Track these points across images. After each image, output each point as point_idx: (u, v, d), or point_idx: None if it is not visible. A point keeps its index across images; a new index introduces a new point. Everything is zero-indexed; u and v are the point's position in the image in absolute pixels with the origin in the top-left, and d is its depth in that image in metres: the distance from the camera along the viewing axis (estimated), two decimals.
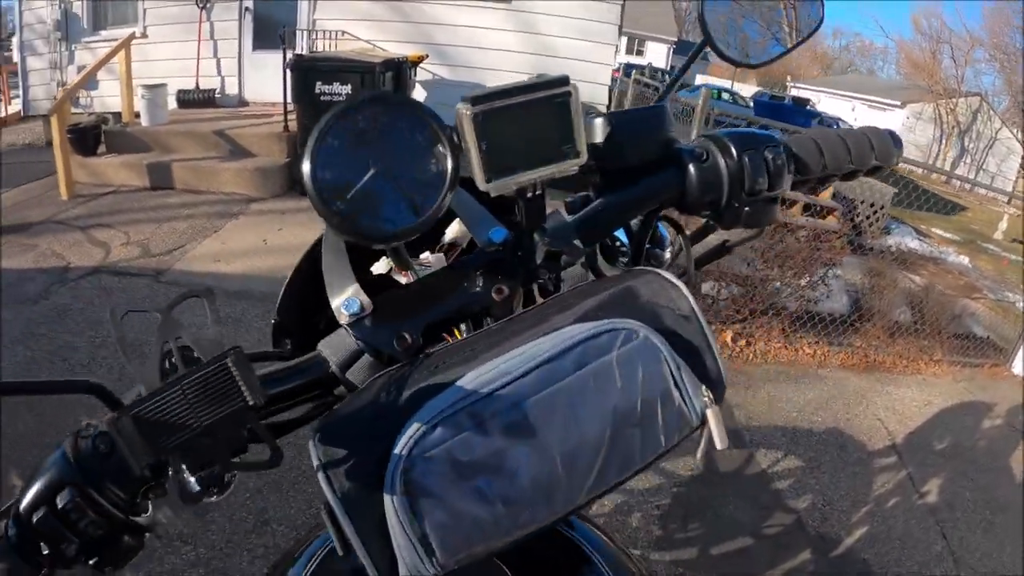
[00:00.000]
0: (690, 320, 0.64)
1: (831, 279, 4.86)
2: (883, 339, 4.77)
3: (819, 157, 0.80)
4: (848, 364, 4.51)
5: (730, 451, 3.26)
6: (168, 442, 0.48)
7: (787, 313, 4.61)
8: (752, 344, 4.42)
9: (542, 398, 0.57)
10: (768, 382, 4.06)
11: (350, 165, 0.56)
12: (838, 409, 3.89)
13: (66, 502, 0.50)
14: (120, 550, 0.54)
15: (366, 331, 0.64)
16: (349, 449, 0.55)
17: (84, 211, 6.31)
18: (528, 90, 0.61)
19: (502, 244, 0.69)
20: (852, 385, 4.24)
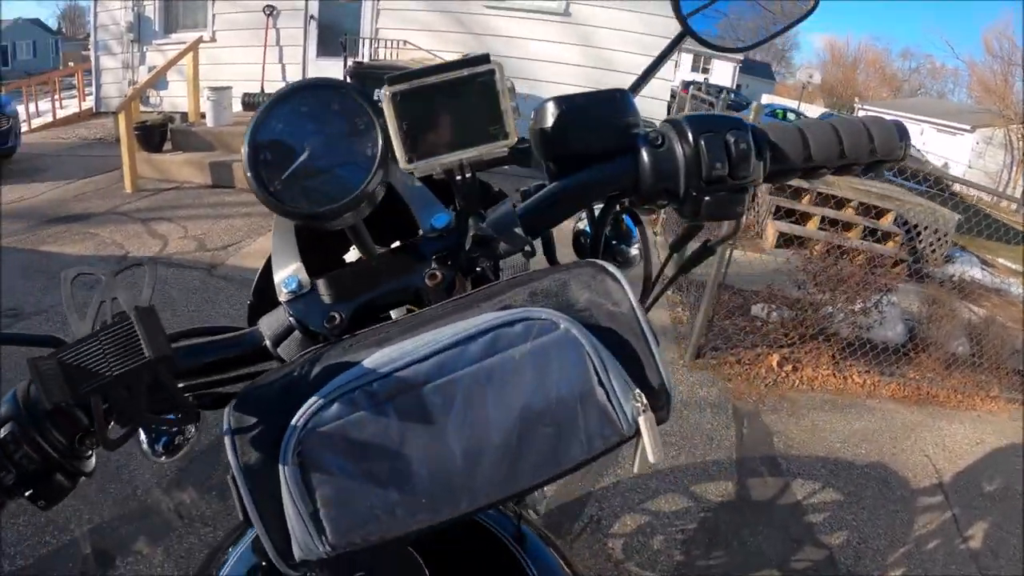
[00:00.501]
0: (627, 317, 0.59)
1: (886, 305, 4.67)
2: (938, 371, 4.56)
3: (802, 147, 0.72)
4: (899, 396, 4.33)
5: (765, 479, 3.17)
6: (85, 386, 0.50)
7: (838, 339, 4.45)
8: (799, 370, 4.30)
9: (442, 384, 0.54)
10: (813, 410, 3.93)
11: (287, 148, 0.58)
12: (884, 442, 3.73)
13: (5, 435, 0.54)
14: (52, 487, 0.57)
15: (300, 309, 0.64)
16: (259, 418, 0.55)
17: (146, 204, 6.54)
18: (449, 69, 0.60)
19: (443, 230, 0.68)
20: (901, 418, 4.07)
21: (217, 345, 0.66)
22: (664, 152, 0.68)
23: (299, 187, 0.58)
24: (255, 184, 0.58)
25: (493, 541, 0.77)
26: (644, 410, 0.55)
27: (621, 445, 0.56)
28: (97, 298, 0.59)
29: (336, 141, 0.59)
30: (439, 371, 0.55)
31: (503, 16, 8.21)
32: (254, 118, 0.59)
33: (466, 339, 0.56)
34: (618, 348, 0.57)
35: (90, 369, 0.50)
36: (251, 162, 0.58)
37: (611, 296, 0.60)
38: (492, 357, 0.55)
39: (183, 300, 4.44)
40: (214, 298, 4.50)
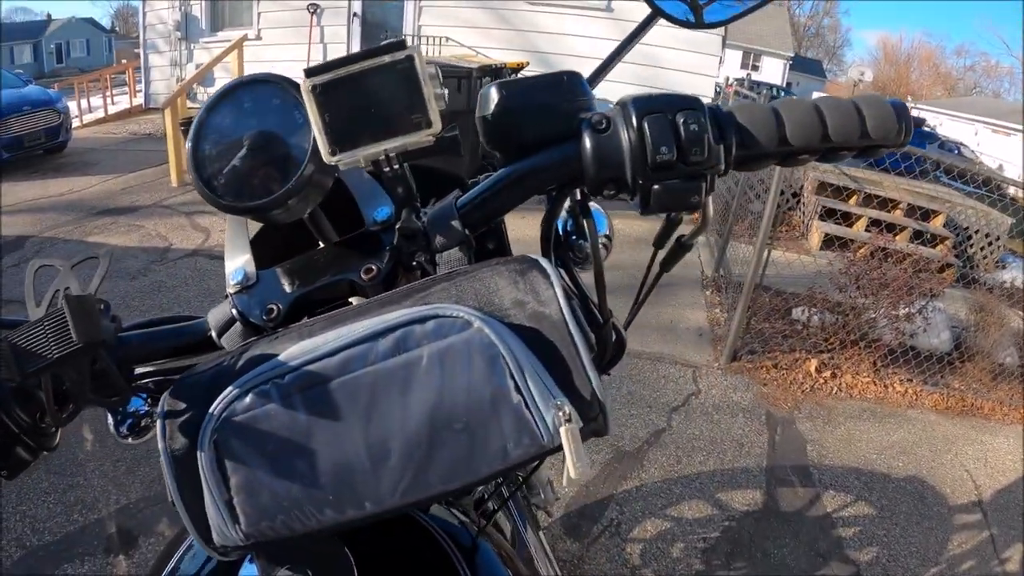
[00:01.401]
0: (554, 319, 0.55)
1: (932, 312, 4.51)
2: (984, 382, 4.40)
3: (776, 129, 0.64)
4: (941, 407, 4.17)
5: (795, 489, 3.10)
6: (30, 367, 0.52)
7: (880, 345, 4.31)
8: (838, 376, 4.19)
9: (347, 381, 0.53)
10: (850, 419, 3.83)
11: (228, 143, 0.61)
12: (923, 455, 3.61)
13: None
14: (12, 460, 0.60)
15: (244, 301, 0.66)
16: (188, 404, 0.56)
17: (190, 198, 6.69)
18: (365, 57, 0.58)
19: (384, 223, 0.67)
20: (943, 430, 3.92)
21: (166, 333, 0.69)
22: (607, 137, 0.62)
23: (239, 181, 0.60)
24: (196, 179, 0.61)
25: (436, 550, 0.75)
26: (567, 420, 0.51)
27: (544, 456, 0.54)
28: (52, 287, 0.62)
29: (276, 135, 0.61)
30: (346, 367, 0.54)
31: (545, 12, 8.18)
32: (198, 114, 0.61)
33: (374, 335, 0.54)
34: (543, 353, 0.54)
35: (35, 352, 0.52)
36: (193, 157, 0.61)
37: (538, 295, 0.56)
38: (399, 355, 0.53)
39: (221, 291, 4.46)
40: None
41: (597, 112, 0.64)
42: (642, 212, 0.65)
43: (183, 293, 4.48)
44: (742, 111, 0.64)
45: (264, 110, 0.61)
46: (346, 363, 0.54)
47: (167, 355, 0.69)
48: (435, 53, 8.15)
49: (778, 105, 0.65)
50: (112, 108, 11.57)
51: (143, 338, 0.67)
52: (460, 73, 6.26)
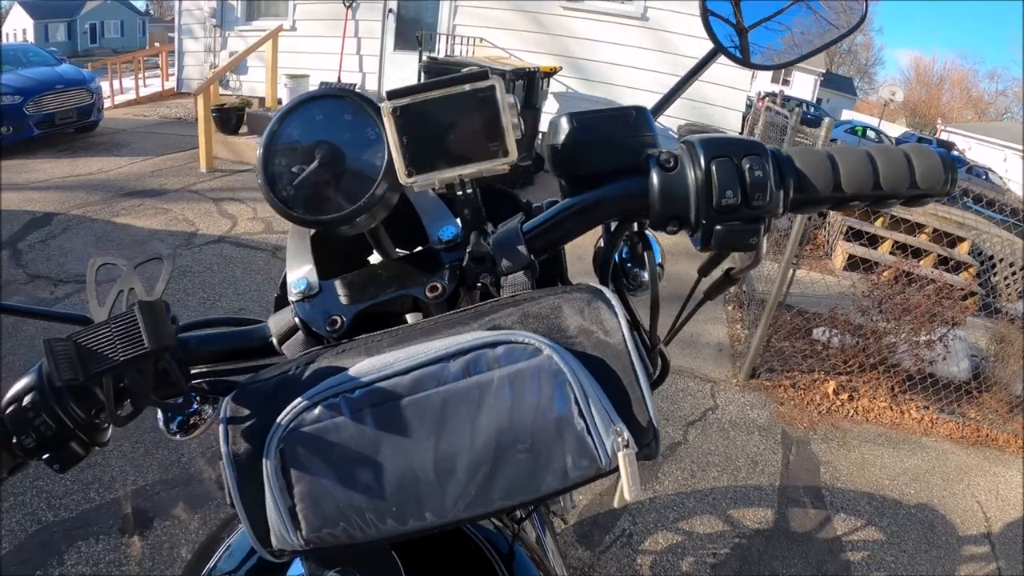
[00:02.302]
0: (618, 348, 0.57)
1: (953, 340, 4.47)
2: (1000, 413, 4.35)
3: (831, 176, 0.66)
4: (956, 436, 4.14)
5: (807, 510, 3.09)
6: (94, 368, 0.53)
7: (899, 371, 4.29)
8: (855, 399, 4.16)
9: (418, 399, 0.55)
10: (865, 443, 3.80)
11: (299, 155, 0.62)
12: (935, 483, 3.58)
13: (29, 402, 0.59)
14: (66, 453, 0.61)
15: (306, 310, 0.66)
16: (251, 410, 0.58)
17: (219, 184, 6.77)
18: (447, 84, 0.60)
19: (449, 242, 0.68)
20: (956, 459, 3.89)
21: (228, 337, 0.70)
22: (674, 176, 0.65)
23: (309, 194, 0.62)
24: (267, 189, 0.62)
25: (478, 556, 0.78)
26: (624, 446, 0.54)
27: (599, 478, 0.56)
28: (116, 287, 0.62)
29: (347, 150, 0.62)
30: (418, 386, 0.56)
31: (580, 18, 8.18)
32: (269, 125, 0.62)
33: (447, 357, 0.56)
34: (604, 379, 0.56)
35: (100, 353, 0.53)
36: (264, 168, 0.61)
37: (603, 324, 0.58)
38: (470, 377, 0.56)
39: (246, 279, 4.58)
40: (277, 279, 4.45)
41: (665, 150, 0.66)
42: (701, 248, 0.68)
43: (208, 279, 4.53)
44: (800, 156, 0.67)
45: (336, 124, 0.62)
46: (418, 382, 0.56)
47: (225, 358, 0.70)
48: (469, 53, 8.18)
49: (834, 152, 0.68)
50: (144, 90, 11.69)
51: (203, 340, 0.69)
52: None
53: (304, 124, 0.62)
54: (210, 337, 0.70)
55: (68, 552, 2.27)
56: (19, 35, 38.23)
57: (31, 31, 38.66)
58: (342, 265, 0.73)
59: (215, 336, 0.70)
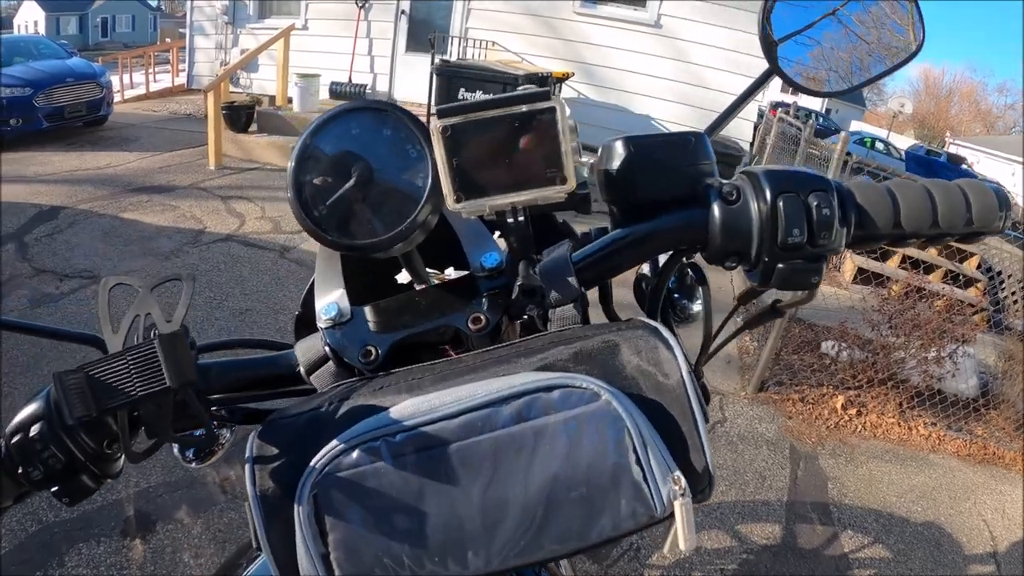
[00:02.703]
0: (677, 391, 0.54)
1: (961, 356, 4.45)
2: (1007, 431, 4.31)
3: (892, 212, 0.64)
4: (963, 453, 4.10)
5: (814, 526, 3.06)
6: (109, 403, 0.50)
7: (907, 387, 4.25)
8: (863, 415, 4.13)
9: (468, 445, 0.52)
10: (873, 459, 3.77)
11: (334, 171, 0.58)
12: (942, 501, 3.55)
13: (36, 433, 0.55)
14: (76, 486, 0.57)
15: (337, 338, 0.62)
16: (280, 449, 0.54)
17: (227, 182, 6.76)
18: (505, 104, 0.55)
19: (493, 271, 0.64)
20: (963, 477, 3.86)
21: (251, 364, 0.66)
22: (737, 209, 0.62)
23: (344, 215, 0.58)
24: (297, 207, 0.57)
25: None
26: (681, 494, 0.51)
27: (652, 526, 0.53)
28: (131, 312, 0.58)
29: (385, 168, 0.58)
30: (467, 431, 0.52)
31: (593, 24, 8.16)
32: (301, 137, 0.58)
33: (499, 400, 0.52)
34: (662, 424, 0.53)
35: (115, 386, 0.50)
36: (295, 184, 0.57)
37: (662, 366, 0.55)
38: (524, 423, 0.52)
39: (253, 279, 4.56)
40: (284, 280, 4.60)
41: (727, 181, 0.64)
42: (759, 285, 0.65)
43: (215, 278, 4.51)
44: (861, 191, 0.64)
45: (374, 140, 0.58)
46: (467, 427, 0.52)
47: (248, 387, 0.66)
48: (481, 57, 8.17)
49: (894, 187, 0.65)
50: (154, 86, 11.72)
51: (224, 367, 0.65)
52: (506, 80, 6.29)
53: (339, 138, 0.58)
54: (232, 364, 0.66)
55: (68, 553, 2.25)
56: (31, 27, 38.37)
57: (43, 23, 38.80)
58: (367, 283, 0.69)
59: (238, 363, 0.66)
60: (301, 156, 0.58)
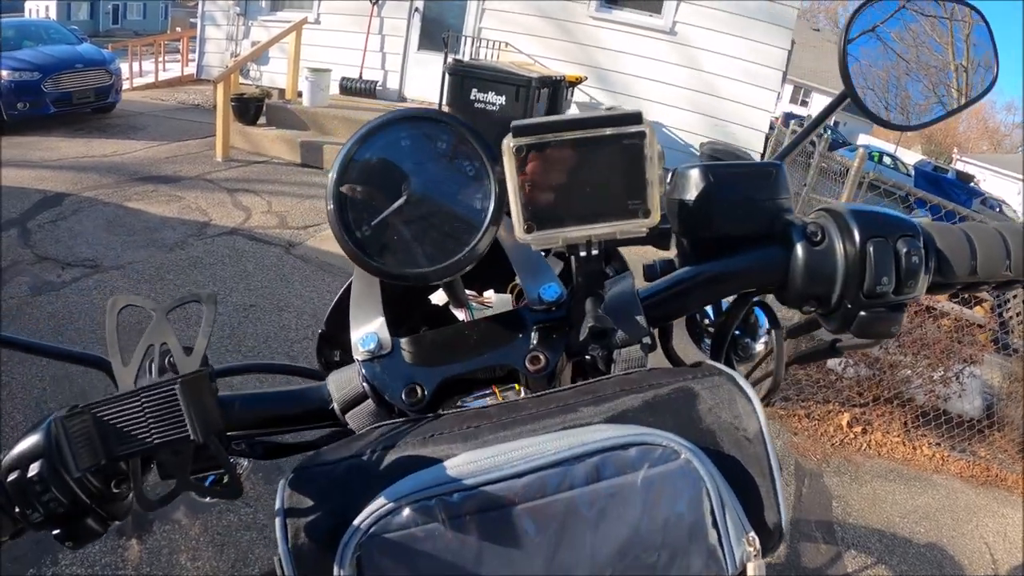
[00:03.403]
0: (755, 446, 0.50)
1: (967, 377, 4.42)
2: (1011, 453, 4.28)
3: (969, 258, 0.61)
4: (966, 475, 4.07)
5: (818, 545, 3.02)
6: (121, 450, 0.46)
7: (913, 406, 4.23)
8: (869, 433, 4.10)
9: (536, 506, 0.46)
10: (877, 478, 3.73)
11: (382, 187, 0.51)
12: (944, 523, 3.52)
13: (35, 473, 0.49)
14: (80, 530, 0.52)
15: (377, 373, 0.56)
16: (316, 501, 0.48)
17: (234, 175, 6.73)
18: (590, 125, 0.50)
19: (553, 305, 0.58)
20: (966, 499, 3.82)
21: (278, 399, 0.60)
22: (822, 252, 0.58)
23: (390, 238, 0.51)
24: (338, 226, 0.51)
25: None
26: (755, 555, 0.47)
27: None
28: (144, 341, 0.51)
29: (439, 187, 0.51)
30: (536, 491, 0.47)
31: (608, 28, 8.12)
32: (346, 144, 0.51)
33: (573, 459, 0.47)
34: (739, 481, 0.49)
35: (127, 432, 0.45)
36: (336, 198, 0.51)
37: (740, 420, 0.51)
38: (599, 483, 0.47)
39: (258, 275, 4.52)
40: (288, 276, 4.56)
41: (810, 220, 0.60)
42: (835, 331, 0.62)
43: (219, 272, 4.47)
44: (940, 235, 0.61)
45: (426, 154, 0.52)
46: (536, 487, 0.47)
47: (274, 424, 0.60)
48: (494, 57, 8.13)
49: (969, 230, 0.62)
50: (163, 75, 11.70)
51: (248, 402, 0.59)
52: (519, 82, 6.24)
53: (388, 149, 0.51)
54: (258, 399, 0.59)
55: (63, 551, 2.21)
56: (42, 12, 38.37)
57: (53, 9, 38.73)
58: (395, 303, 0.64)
59: (264, 397, 0.60)
60: (344, 166, 0.51)
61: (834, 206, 0.60)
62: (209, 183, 6.37)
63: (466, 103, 6.31)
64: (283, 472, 0.51)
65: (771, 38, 7.66)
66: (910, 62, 0.81)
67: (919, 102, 0.82)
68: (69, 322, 3.62)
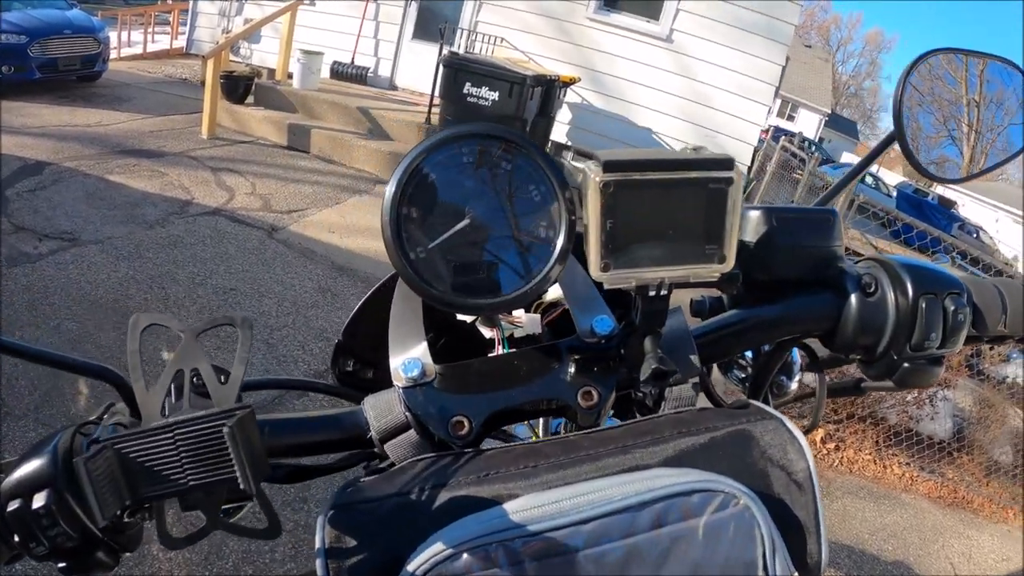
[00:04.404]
0: (803, 490, 0.51)
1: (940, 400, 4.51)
2: (977, 476, 4.40)
3: (1000, 313, 0.64)
4: (934, 495, 4.15)
5: None
6: (149, 491, 0.42)
7: (885, 425, 4.30)
8: (841, 449, 4.15)
9: (599, 552, 0.45)
10: (848, 494, 3.79)
11: (443, 206, 0.49)
12: (912, 541, 3.59)
13: (41, 505, 0.44)
14: (90, 563, 0.47)
15: (419, 403, 0.53)
16: (360, 541, 0.46)
17: (219, 153, 6.62)
18: (680, 166, 0.49)
19: (605, 338, 0.57)
20: (933, 519, 3.90)
21: (311, 426, 0.56)
22: (874, 303, 0.60)
23: (447, 262, 0.49)
24: (393, 245, 0.48)
25: None
26: None
27: None
28: (172, 366, 0.47)
29: (505, 213, 0.50)
30: (600, 537, 0.46)
31: (605, 31, 8.10)
32: (408, 157, 0.49)
33: (637, 505, 0.46)
34: (786, 523, 0.49)
35: (157, 470, 0.41)
36: (394, 215, 0.48)
37: (791, 463, 0.51)
38: (662, 528, 0.46)
39: (239, 257, 4.45)
40: (270, 261, 4.50)
41: (863, 270, 0.61)
42: (875, 379, 0.63)
43: (200, 252, 4.39)
44: (976, 290, 0.64)
45: (489, 174, 0.50)
46: (601, 533, 0.46)
47: (306, 451, 0.57)
48: (488, 52, 8.09)
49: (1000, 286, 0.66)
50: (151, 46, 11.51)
51: (278, 428, 0.55)
52: (514, 79, 6.20)
53: (450, 165, 0.49)
54: (289, 425, 0.56)
55: None
56: None
57: None
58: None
59: (296, 424, 0.56)
60: (406, 180, 0.49)
61: (883, 258, 0.62)
62: (193, 160, 6.26)
63: (459, 96, 6.29)
64: None
65: (767, 52, 7.69)
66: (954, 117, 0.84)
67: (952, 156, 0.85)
68: (44, 297, 3.54)
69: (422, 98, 7.63)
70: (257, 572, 2.25)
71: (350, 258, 4.78)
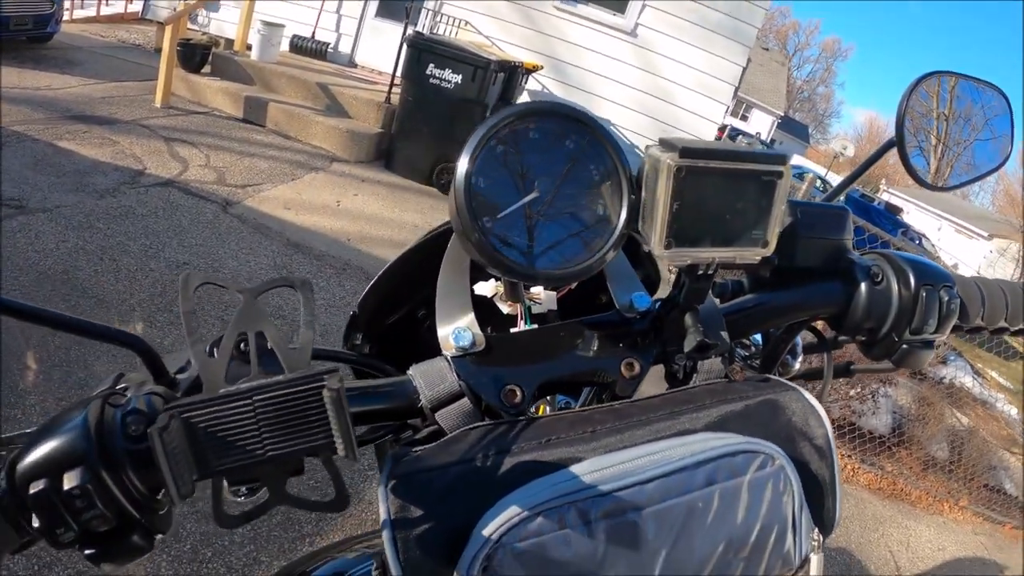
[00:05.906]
0: (823, 454, 0.57)
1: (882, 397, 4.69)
2: (915, 470, 4.61)
3: (979, 307, 0.73)
4: (874, 486, 4.34)
5: None
6: (220, 464, 0.40)
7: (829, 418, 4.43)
8: None
9: (661, 511, 0.49)
10: None
11: (512, 179, 0.52)
12: (853, 530, 3.75)
13: (74, 486, 0.40)
14: (123, 549, 0.44)
15: (470, 371, 0.55)
16: (425, 510, 0.47)
17: (172, 123, 6.45)
18: (742, 158, 0.53)
19: (643, 313, 0.62)
20: (873, 509, 4.08)
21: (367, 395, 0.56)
22: (880, 291, 0.68)
23: (514, 233, 0.51)
24: (466, 213, 0.49)
25: None
26: (817, 548, 0.55)
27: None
28: (233, 327, 0.46)
29: (569, 190, 0.53)
30: (661, 496, 0.49)
31: (571, 21, 8.13)
32: (481, 129, 0.50)
33: (693, 465, 0.51)
34: (809, 482, 0.56)
35: (231, 440, 0.39)
36: (466, 184, 0.49)
37: (812, 429, 0.57)
38: (712, 486, 0.51)
39: (193, 231, 4.35)
40: (224, 235, 4.41)
41: (870, 261, 0.69)
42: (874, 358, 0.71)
43: (152, 225, 4.27)
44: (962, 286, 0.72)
45: (554, 151, 0.52)
46: (663, 491, 0.50)
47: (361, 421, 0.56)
48: (452, 34, 8.03)
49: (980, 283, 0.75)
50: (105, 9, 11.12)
51: None
52: (479, 63, 6.19)
53: (519, 140, 0.52)
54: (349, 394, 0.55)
55: None
56: None
57: None
58: None
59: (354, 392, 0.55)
60: (477, 152, 0.50)
61: (886, 253, 0.70)
62: (145, 129, 6.08)
63: (421, 77, 6.26)
64: None
65: (729, 53, 7.81)
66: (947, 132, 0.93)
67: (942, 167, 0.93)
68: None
69: (381, 77, 7.56)
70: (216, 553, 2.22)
71: (305, 235, 4.73)
